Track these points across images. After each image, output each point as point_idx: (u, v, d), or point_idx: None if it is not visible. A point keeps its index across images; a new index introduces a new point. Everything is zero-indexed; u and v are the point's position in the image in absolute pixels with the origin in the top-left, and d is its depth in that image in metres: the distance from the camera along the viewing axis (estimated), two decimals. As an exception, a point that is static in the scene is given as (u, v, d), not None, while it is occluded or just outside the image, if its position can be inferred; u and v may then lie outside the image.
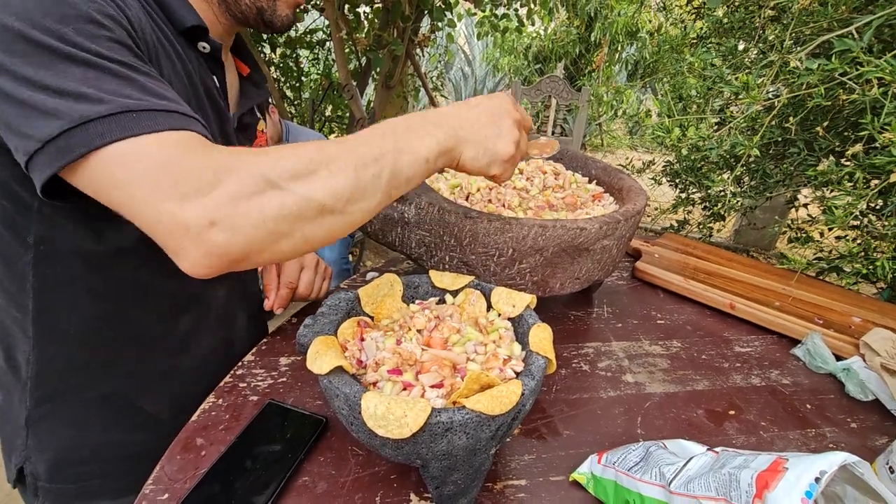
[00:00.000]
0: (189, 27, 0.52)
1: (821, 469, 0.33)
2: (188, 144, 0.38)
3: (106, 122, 0.37)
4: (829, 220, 0.79)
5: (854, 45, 0.79)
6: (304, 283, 0.71)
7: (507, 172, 0.51)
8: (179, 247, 0.38)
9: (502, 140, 0.49)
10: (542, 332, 0.48)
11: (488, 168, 0.49)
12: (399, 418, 0.38)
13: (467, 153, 0.48)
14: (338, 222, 0.41)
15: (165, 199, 0.36)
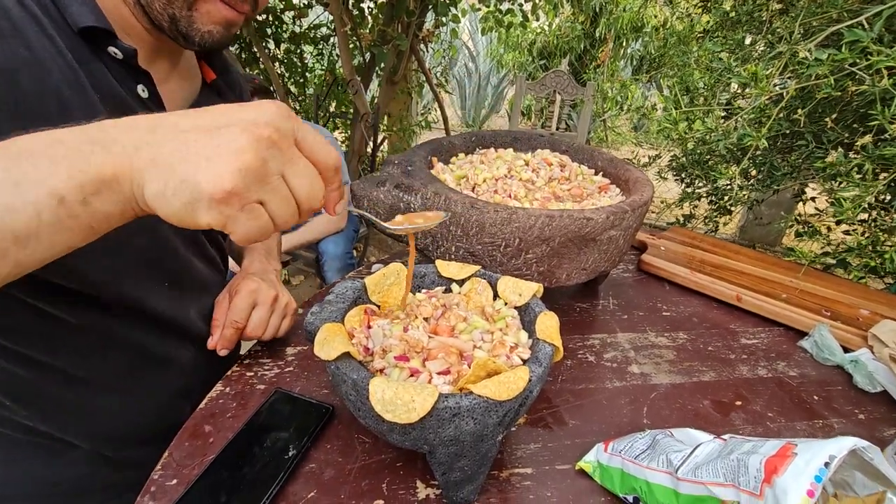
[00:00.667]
0: (84, 28, 0.44)
1: (830, 454, 0.33)
2: None
3: None
4: (837, 212, 0.79)
5: (864, 36, 0.78)
6: (254, 322, 0.61)
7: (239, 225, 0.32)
8: None
9: (212, 165, 0.29)
10: (549, 320, 0.48)
11: (190, 212, 0.30)
12: (407, 403, 0.38)
13: (151, 185, 0.30)
14: None
15: None
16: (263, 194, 0.32)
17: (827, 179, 0.93)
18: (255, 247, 0.73)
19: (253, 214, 0.32)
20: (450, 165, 0.79)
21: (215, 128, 0.31)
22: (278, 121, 0.32)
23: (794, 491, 0.32)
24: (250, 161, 0.30)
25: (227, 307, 0.61)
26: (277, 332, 0.63)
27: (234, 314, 0.60)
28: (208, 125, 0.31)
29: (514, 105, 3.13)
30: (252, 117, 0.31)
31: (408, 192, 0.64)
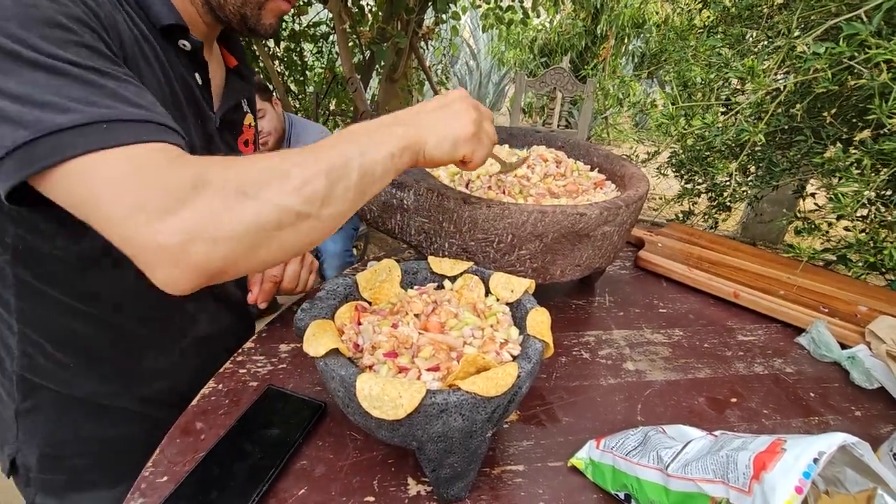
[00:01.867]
0: (167, 25, 0.51)
1: (819, 450, 0.32)
2: (159, 158, 0.37)
3: (72, 133, 0.35)
4: (836, 207, 0.78)
5: (862, 29, 0.77)
6: (289, 276, 0.69)
7: (476, 153, 0.51)
8: (154, 264, 0.36)
9: (460, 121, 0.49)
10: (540, 317, 0.48)
11: (454, 151, 0.49)
12: (394, 399, 0.38)
13: (430, 142, 0.48)
14: (315, 227, 0.41)
15: (136, 216, 0.35)
16: (481, 133, 0.52)
17: (826, 175, 0.92)
18: None
19: (481, 144, 0.52)
20: (444, 162, 0.78)
21: (447, 106, 0.50)
22: (465, 94, 0.53)
23: (782, 487, 0.32)
24: (475, 117, 0.51)
25: None
26: (306, 287, 0.71)
27: (270, 270, 0.67)
28: (442, 105, 0.50)
29: (514, 102, 3.12)
30: (459, 96, 0.52)
31: (401, 188, 0.64)
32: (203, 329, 0.66)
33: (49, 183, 0.37)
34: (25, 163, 0.36)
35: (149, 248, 0.36)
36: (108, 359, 0.59)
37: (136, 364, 0.61)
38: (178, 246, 0.35)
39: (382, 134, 0.45)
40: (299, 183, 0.39)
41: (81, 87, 0.37)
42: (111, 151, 0.36)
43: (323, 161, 0.41)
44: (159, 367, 0.63)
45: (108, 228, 0.37)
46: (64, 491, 0.62)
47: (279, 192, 0.38)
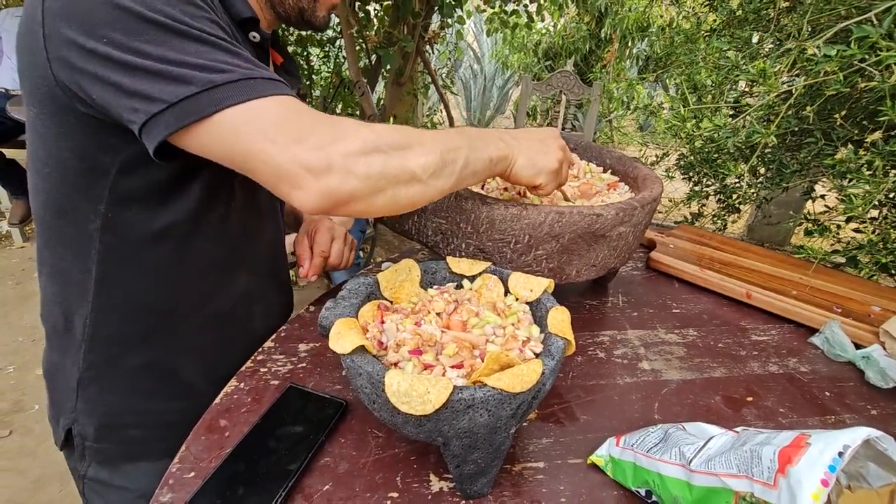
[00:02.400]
0: (244, 18, 0.56)
1: (844, 444, 0.33)
2: (298, 107, 0.46)
3: (230, 87, 0.43)
4: (847, 209, 0.79)
5: (873, 32, 0.78)
6: (335, 252, 0.76)
7: (550, 185, 0.59)
8: (299, 184, 0.44)
9: (548, 157, 0.58)
10: (561, 315, 0.48)
11: (535, 177, 0.58)
12: (422, 395, 0.38)
13: (519, 162, 0.57)
14: (420, 191, 0.49)
15: (290, 146, 0.43)
16: (561, 170, 0.60)
17: (837, 176, 0.92)
18: None
19: (556, 179, 0.60)
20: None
21: (543, 141, 0.60)
22: (560, 139, 0.62)
23: (808, 480, 0.32)
24: (561, 157, 0.60)
25: (308, 244, 0.76)
26: (347, 263, 0.79)
27: (319, 245, 0.75)
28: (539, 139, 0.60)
29: (519, 106, 3.13)
30: (554, 135, 0.62)
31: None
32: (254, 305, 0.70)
33: (204, 131, 0.43)
34: (189, 112, 0.42)
35: (298, 171, 0.43)
36: (170, 330, 0.62)
37: (191, 336, 0.64)
38: (322, 170, 0.43)
39: (488, 141, 0.54)
40: (421, 153, 0.48)
41: (224, 53, 0.44)
42: (263, 100, 0.44)
43: (442, 144, 0.50)
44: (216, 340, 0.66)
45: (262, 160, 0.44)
46: (118, 461, 0.65)
47: (404, 154, 0.47)
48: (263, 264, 0.71)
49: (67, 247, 0.56)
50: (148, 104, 0.42)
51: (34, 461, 1.60)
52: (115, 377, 0.62)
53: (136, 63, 0.42)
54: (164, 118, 0.43)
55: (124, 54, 0.42)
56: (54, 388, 0.65)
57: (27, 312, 2.31)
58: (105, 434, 0.63)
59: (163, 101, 0.42)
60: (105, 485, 0.66)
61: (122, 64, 0.42)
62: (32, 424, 1.73)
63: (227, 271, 0.64)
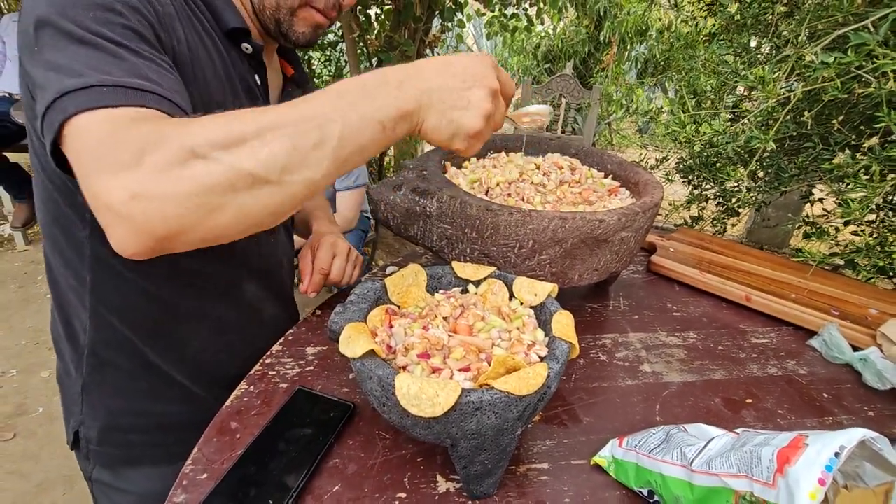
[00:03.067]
0: (231, 28, 0.56)
1: (841, 444, 0.34)
2: (132, 119, 0.37)
3: (78, 94, 0.38)
4: (844, 212, 0.80)
5: (870, 39, 0.79)
6: (336, 269, 0.74)
7: (471, 148, 0.46)
8: (106, 223, 0.36)
9: (469, 113, 0.43)
10: (565, 319, 0.50)
11: (451, 141, 0.45)
12: (431, 398, 0.40)
13: (429, 121, 0.43)
14: (276, 194, 0.38)
15: (100, 170, 0.35)
16: (486, 130, 0.46)
17: (834, 181, 0.94)
18: (319, 215, 0.85)
19: (480, 140, 0.47)
20: (462, 170, 0.80)
21: (466, 87, 0.43)
22: (493, 74, 0.45)
23: (806, 480, 0.33)
24: (488, 110, 0.44)
25: (310, 259, 0.74)
26: (350, 280, 0.76)
27: (320, 262, 0.73)
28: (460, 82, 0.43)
29: (519, 109, 3.16)
30: (484, 73, 0.44)
31: (424, 195, 0.66)
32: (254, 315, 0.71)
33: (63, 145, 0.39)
34: (49, 125, 0.39)
35: (101, 206, 0.36)
36: (169, 336, 0.62)
37: (193, 342, 0.64)
38: (126, 201, 0.34)
39: (378, 95, 0.40)
40: (258, 143, 0.36)
41: (107, 59, 0.40)
42: (99, 112, 0.37)
43: (295, 122, 0.38)
44: (215, 348, 0.67)
45: (82, 186, 0.37)
46: (119, 465, 0.66)
47: (234, 152, 0.36)
48: (264, 276, 0.71)
49: (62, 253, 0.57)
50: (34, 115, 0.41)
51: (37, 465, 1.60)
52: (115, 381, 0.63)
53: (32, 70, 0.42)
54: (40, 128, 0.40)
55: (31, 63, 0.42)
56: (64, 392, 0.67)
57: (30, 316, 2.31)
58: (107, 437, 0.64)
59: (38, 112, 0.40)
60: (109, 486, 0.67)
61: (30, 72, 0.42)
62: (36, 428, 1.74)
63: (224, 282, 0.65)
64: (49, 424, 1.75)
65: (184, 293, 0.61)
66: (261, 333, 0.71)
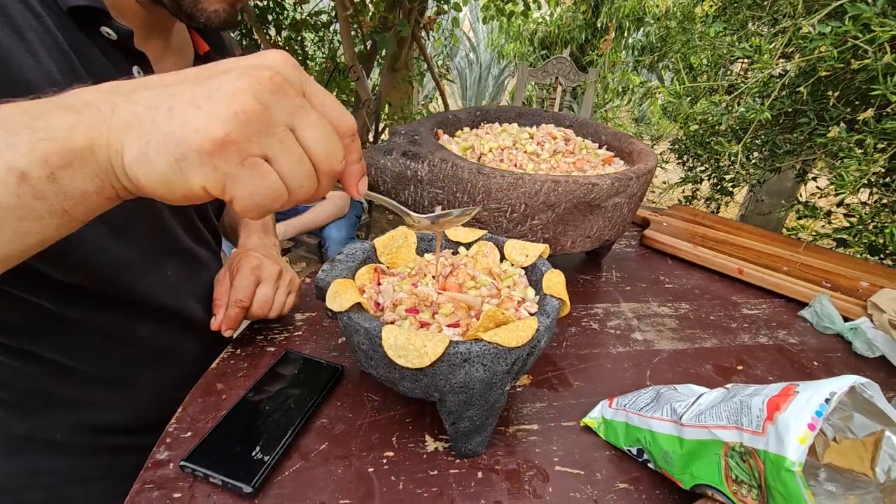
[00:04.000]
0: (73, 7, 0.42)
1: (831, 390, 0.34)
2: None
3: None
4: (838, 185, 0.80)
5: (867, 10, 0.78)
6: (259, 300, 0.58)
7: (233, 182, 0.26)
8: None
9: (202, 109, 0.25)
10: (556, 277, 0.49)
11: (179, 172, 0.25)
12: (419, 348, 0.39)
13: (130, 148, 0.25)
14: None
15: None
16: (269, 147, 0.26)
17: (829, 156, 0.93)
18: (250, 221, 0.70)
19: (257, 172, 0.26)
20: (455, 137, 0.79)
21: (208, 77, 0.26)
22: (283, 67, 0.27)
23: (795, 425, 0.33)
24: (248, 103, 0.25)
25: (228, 286, 0.59)
26: (283, 310, 0.61)
27: (237, 292, 0.57)
28: (199, 75, 0.27)
29: (515, 93, 3.13)
30: (253, 62, 0.27)
31: (415, 159, 0.65)
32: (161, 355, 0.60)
33: None
34: None
35: None
36: (48, 394, 0.53)
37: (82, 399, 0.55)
38: None
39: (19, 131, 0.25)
40: None
41: None
42: None
43: None
44: (111, 400, 0.57)
45: None
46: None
47: None
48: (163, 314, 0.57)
49: None
50: None
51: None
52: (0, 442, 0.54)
53: None
54: None
55: None
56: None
57: None
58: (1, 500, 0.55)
59: None
60: None
61: None
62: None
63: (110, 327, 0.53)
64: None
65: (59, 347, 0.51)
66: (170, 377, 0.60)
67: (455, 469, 0.47)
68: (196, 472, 0.43)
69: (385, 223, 2.96)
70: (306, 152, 0.28)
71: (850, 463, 0.38)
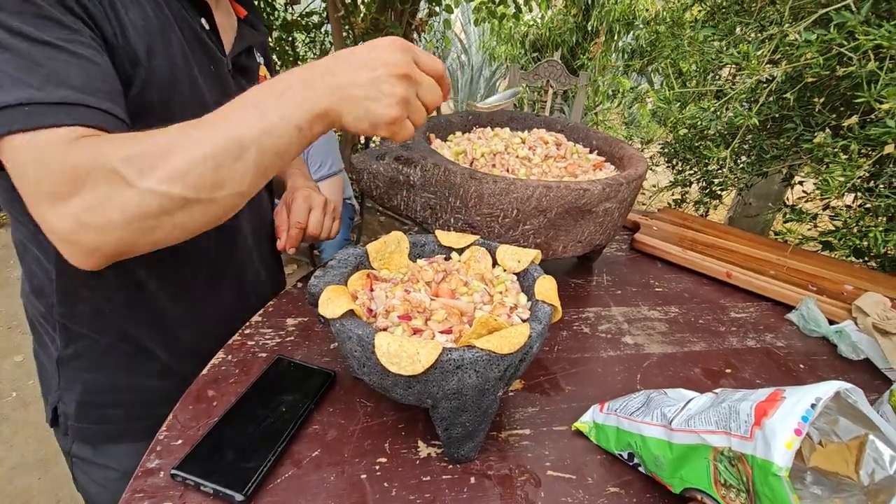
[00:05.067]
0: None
1: (817, 396, 0.35)
2: (59, 143, 0.39)
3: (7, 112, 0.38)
4: (823, 189, 0.81)
5: (851, 18, 0.80)
6: (313, 223, 0.72)
7: (401, 132, 0.46)
8: (57, 243, 0.40)
9: (382, 103, 0.43)
10: (548, 283, 0.49)
11: (375, 130, 0.45)
12: (412, 355, 0.39)
13: (347, 116, 0.44)
14: (208, 210, 0.42)
15: (38, 200, 0.39)
16: (410, 112, 0.46)
17: (815, 161, 0.95)
18: (293, 172, 0.81)
19: (406, 126, 0.46)
20: (447, 142, 0.79)
21: (376, 77, 0.43)
22: (403, 57, 0.44)
23: (782, 430, 0.34)
24: (402, 95, 0.44)
25: (286, 215, 0.72)
26: (330, 234, 0.74)
27: (296, 216, 0.70)
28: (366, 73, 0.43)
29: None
30: (389, 60, 0.43)
31: (407, 164, 0.65)
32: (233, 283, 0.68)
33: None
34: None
35: (48, 230, 0.39)
36: (139, 309, 0.60)
37: (168, 312, 0.62)
38: (70, 232, 0.39)
39: (291, 101, 0.41)
40: (184, 168, 0.39)
41: (21, 65, 0.39)
42: (21, 136, 0.38)
43: (211, 142, 0.39)
44: (189, 318, 0.65)
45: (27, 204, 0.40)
46: (98, 441, 0.64)
47: (162, 179, 0.38)
48: (245, 243, 0.70)
49: (26, 230, 0.56)
50: None
51: (11, 449, 1.56)
52: (91, 355, 0.61)
53: None
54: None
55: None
56: (41, 368, 0.65)
57: (2, 300, 2.25)
58: (84, 414, 0.63)
59: None
60: (89, 462, 0.65)
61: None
62: (9, 412, 1.69)
63: (202, 251, 0.63)
64: (23, 409, 1.71)
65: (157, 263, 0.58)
66: (245, 305, 0.69)
67: (448, 475, 0.47)
68: (187, 480, 0.43)
69: (377, 225, 2.95)
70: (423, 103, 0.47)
71: (835, 466, 0.39)
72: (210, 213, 0.42)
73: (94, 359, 0.61)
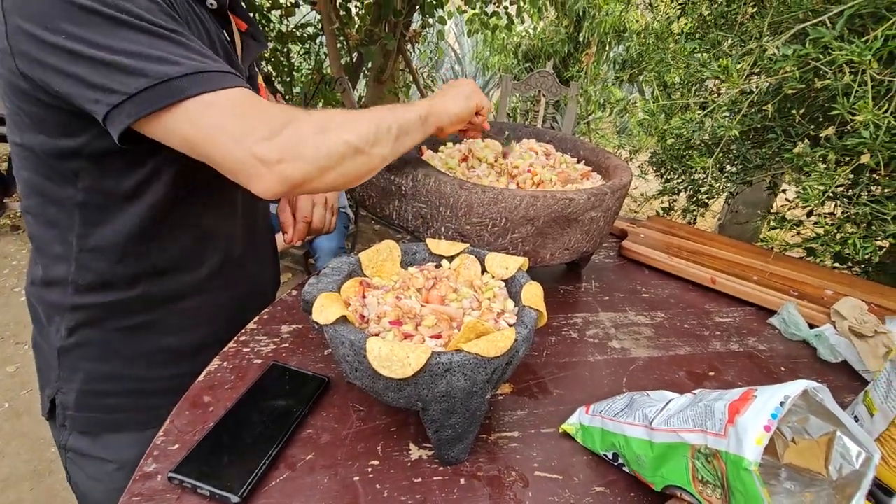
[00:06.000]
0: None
1: (785, 394, 0.36)
2: (249, 98, 0.49)
3: (184, 80, 0.45)
4: (804, 198, 0.84)
5: (827, 34, 0.83)
6: (318, 217, 0.78)
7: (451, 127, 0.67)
8: (256, 174, 0.48)
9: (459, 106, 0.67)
10: (534, 289, 0.51)
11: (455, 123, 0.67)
12: (402, 359, 0.41)
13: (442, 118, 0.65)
14: (364, 162, 0.54)
15: (245, 140, 0.46)
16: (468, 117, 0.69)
17: (795, 170, 0.98)
18: None
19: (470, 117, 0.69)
20: (439, 154, 0.82)
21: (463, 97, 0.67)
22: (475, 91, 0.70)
23: (753, 427, 0.36)
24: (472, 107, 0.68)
25: (290, 212, 0.78)
26: (330, 227, 0.81)
27: (302, 212, 0.77)
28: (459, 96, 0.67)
29: (499, 105, 3.19)
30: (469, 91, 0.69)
31: (399, 174, 0.67)
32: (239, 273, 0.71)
33: (162, 121, 0.46)
34: (148, 102, 0.45)
35: (252, 164, 0.47)
36: (149, 297, 0.63)
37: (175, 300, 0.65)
38: (275, 161, 0.47)
39: (410, 107, 0.61)
40: (359, 127, 0.53)
41: (177, 46, 0.47)
42: (217, 93, 0.47)
43: (372, 117, 0.55)
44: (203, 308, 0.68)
45: (218, 151, 0.47)
46: (98, 430, 0.65)
47: (347, 131, 0.52)
48: (249, 232, 0.73)
49: (50, 223, 0.58)
50: (108, 95, 0.45)
51: (3, 460, 1.55)
52: (94, 343, 0.62)
53: (93, 55, 0.44)
54: (125, 108, 0.45)
55: (81, 47, 0.43)
56: (40, 359, 0.66)
57: (-5, 310, 2.24)
58: (85, 402, 0.64)
59: (121, 93, 0.44)
60: (84, 455, 0.66)
61: (80, 56, 0.44)
62: (1, 423, 1.68)
63: (210, 239, 0.66)
64: (15, 419, 1.70)
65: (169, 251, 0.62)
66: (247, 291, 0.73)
67: (438, 476, 0.49)
68: (184, 483, 0.44)
69: (371, 233, 2.97)
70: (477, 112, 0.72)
71: (807, 462, 0.41)
72: (363, 165, 0.54)
73: (100, 347, 0.63)
